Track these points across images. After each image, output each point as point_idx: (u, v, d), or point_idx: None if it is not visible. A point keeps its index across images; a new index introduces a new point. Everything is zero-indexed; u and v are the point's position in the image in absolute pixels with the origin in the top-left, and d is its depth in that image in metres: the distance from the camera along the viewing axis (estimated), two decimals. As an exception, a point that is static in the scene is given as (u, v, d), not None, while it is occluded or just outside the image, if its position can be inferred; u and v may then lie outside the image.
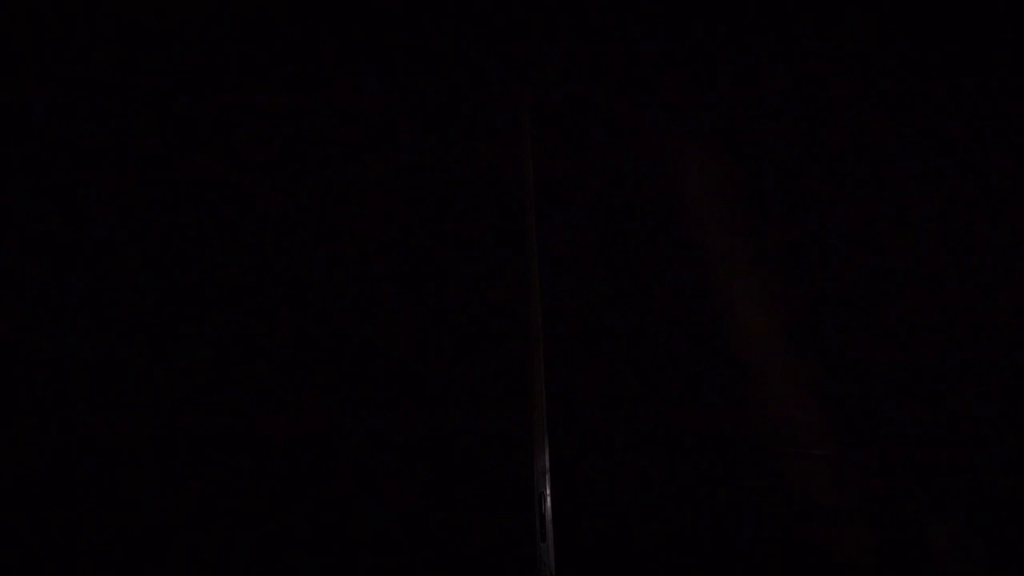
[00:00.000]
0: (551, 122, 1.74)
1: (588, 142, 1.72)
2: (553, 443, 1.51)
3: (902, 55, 1.69)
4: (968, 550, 1.46)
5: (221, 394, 1.54)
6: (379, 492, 1.49)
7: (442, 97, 1.75)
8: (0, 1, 1.71)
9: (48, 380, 1.52)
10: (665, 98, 1.74)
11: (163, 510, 1.46)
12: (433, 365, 1.56)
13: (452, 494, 1.47)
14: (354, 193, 1.68)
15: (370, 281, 1.63)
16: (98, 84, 1.70)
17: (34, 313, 1.56)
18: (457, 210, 1.66)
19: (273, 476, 1.50)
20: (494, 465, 1.48)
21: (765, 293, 1.61)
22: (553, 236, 1.65)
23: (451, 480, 1.48)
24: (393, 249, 1.65)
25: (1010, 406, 1.50)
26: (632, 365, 1.57)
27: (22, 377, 1.52)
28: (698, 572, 1.45)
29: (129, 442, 1.50)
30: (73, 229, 1.61)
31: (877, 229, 1.62)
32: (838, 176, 1.66)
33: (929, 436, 1.50)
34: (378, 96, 1.74)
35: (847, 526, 1.48)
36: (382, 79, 1.75)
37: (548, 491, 1.48)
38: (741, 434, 1.52)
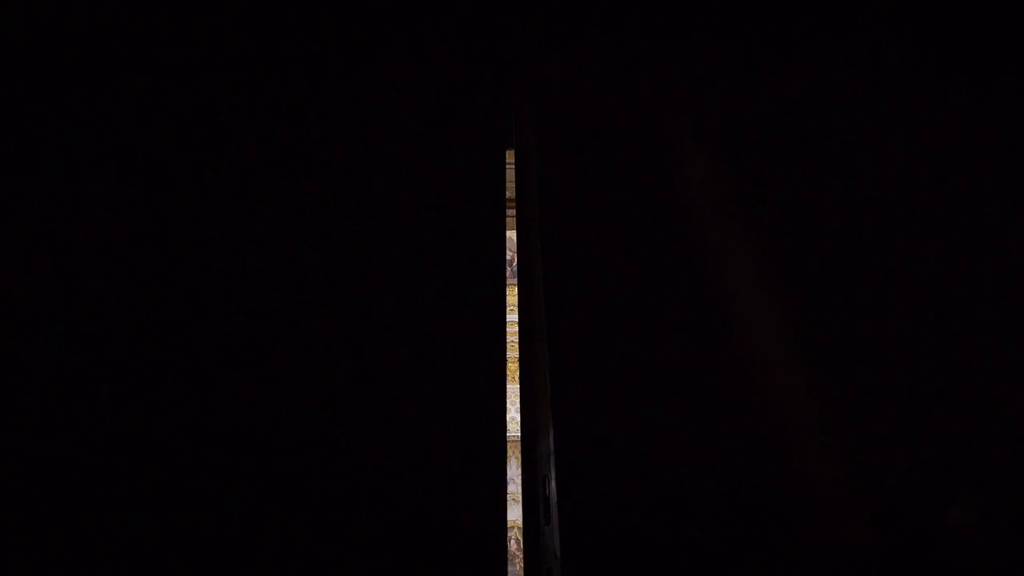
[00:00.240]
0: (552, 122, 1.74)
1: (589, 142, 1.73)
2: (557, 430, 1.51)
3: (904, 54, 1.70)
4: (974, 547, 1.47)
5: (216, 394, 1.54)
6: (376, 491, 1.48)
7: (441, 97, 1.75)
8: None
9: (47, 379, 1.52)
10: (665, 98, 1.75)
11: (161, 510, 1.46)
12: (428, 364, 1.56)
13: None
14: (353, 193, 1.68)
15: (370, 281, 1.63)
16: (97, 84, 1.70)
17: (33, 313, 1.56)
18: (460, 210, 1.67)
19: (272, 476, 1.49)
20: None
21: (765, 292, 1.61)
22: (556, 235, 1.66)
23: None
24: (392, 249, 1.65)
25: (1016, 403, 1.50)
26: (632, 360, 1.57)
27: (21, 377, 1.52)
28: (700, 566, 1.45)
29: (128, 442, 1.49)
30: (73, 229, 1.60)
31: (878, 228, 1.63)
32: (839, 175, 1.67)
33: (932, 434, 1.51)
34: (376, 93, 1.74)
35: (849, 525, 1.48)
36: (381, 76, 1.75)
37: (553, 473, 1.47)
38: (742, 432, 1.52)
